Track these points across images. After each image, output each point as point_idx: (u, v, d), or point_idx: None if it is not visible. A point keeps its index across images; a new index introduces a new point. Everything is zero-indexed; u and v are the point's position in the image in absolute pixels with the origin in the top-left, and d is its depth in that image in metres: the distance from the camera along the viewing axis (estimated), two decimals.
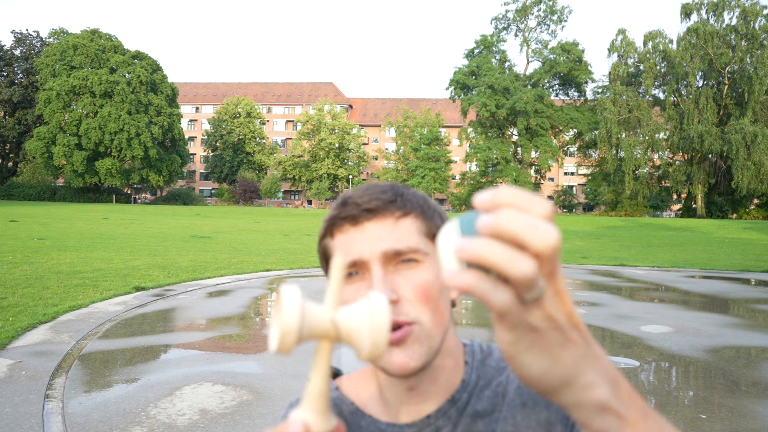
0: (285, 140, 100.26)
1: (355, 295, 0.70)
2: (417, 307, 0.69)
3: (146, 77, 67.93)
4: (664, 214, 67.38)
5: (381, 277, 0.68)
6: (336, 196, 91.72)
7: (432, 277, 0.70)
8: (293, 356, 5.57)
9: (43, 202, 65.56)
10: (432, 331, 0.70)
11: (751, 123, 50.79)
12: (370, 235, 0.71)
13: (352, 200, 0.72)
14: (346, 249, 0.71)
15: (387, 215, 0.72)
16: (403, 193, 0.74)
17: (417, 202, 0.74)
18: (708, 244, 24.02)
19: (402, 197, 0.73)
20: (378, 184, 0.75)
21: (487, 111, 58.97)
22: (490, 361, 0.80)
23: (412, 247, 0.70)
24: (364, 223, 0.71)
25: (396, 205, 0.72)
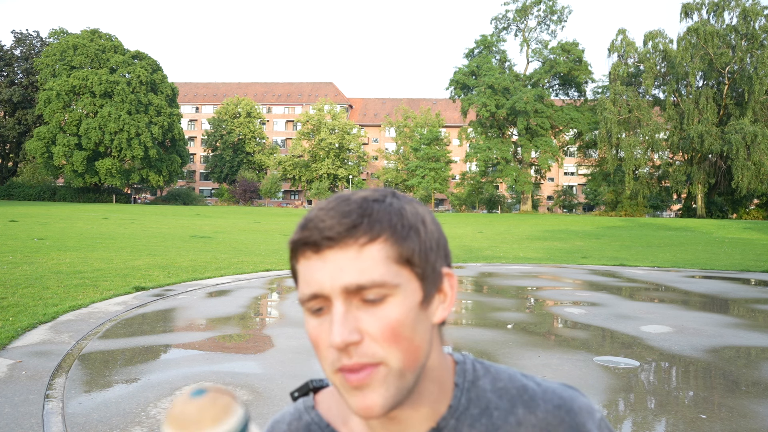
0: (285, 140, 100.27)
1: (319, 330, 0.64)
2: (384, 346, 0.62)
3: (146, 77, 67.94)
4: (664, 214, 67.37)
5: (342, 316, 0.61)
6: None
7: (402, 313, 0.63)
8: (293, 356, 5.57)
9: (43, 202, 65.56)
10: (403, 370, 0.63)
11: (751, 123, 50.77)
12: (331, 266, 0.62)
13: (313, 223, 0.64)
14: (308, 278, 0.64)
15: (350, 242, 0.62)
16: (371, 213, 0.64)
17: (388, 221, 0.64)
18: (708, 244, 24.02)
19: (369, 218, 0.63)
20: (346, 199, 0.66)
21: (487, 111, 58.95)
22: (483, 383, 0.73)
23: (376, 281, 0.62)
24: (325, 251, 0.63)
25: (361, 230, 0.62)
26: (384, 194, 0.67)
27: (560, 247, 21.15)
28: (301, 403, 0.80)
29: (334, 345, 0.61)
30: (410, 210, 0.67)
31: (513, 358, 5.65)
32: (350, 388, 0.63)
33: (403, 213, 0.66)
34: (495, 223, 41.73)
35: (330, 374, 0.64)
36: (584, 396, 0.74)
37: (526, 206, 65.12)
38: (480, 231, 31.17)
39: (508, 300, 9.24)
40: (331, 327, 0.62)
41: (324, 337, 0.64)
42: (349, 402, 0.63)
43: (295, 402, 0.82)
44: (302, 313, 0.69)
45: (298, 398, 0.81)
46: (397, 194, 0.69)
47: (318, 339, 0.64)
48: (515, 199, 77.02)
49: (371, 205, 0.65)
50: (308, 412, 0.79)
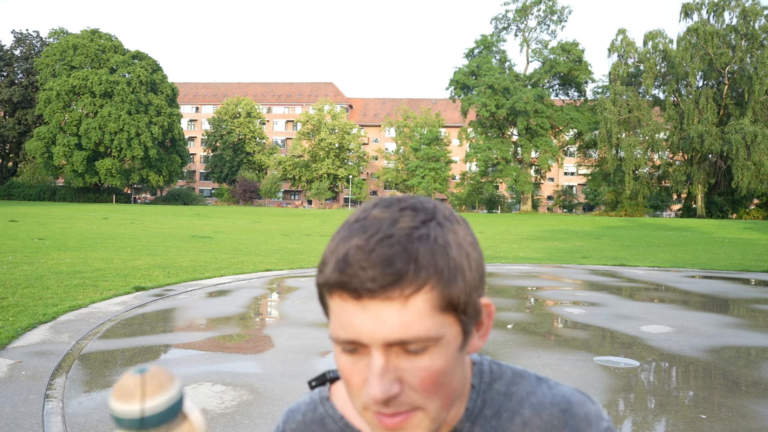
0: (285, 140, 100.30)
1: (352, 368, 0.61)
2: (423, 396, 0.60)
3: (146, 77, 67.96)
4: (664, 214, 67.38)
5: (381, 369, 0.58)
6: (336, 196, 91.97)
7: (443, 363, 0.60)
8: (294, 356, 5.58)
9: (43, 202, 65.58)
10: (438, 415, 0.62)
11: (751, 123, 50.78)
12: (371, 316, 0.58)
13: (353, 270, 0.58)
14: (344, 321, 0.60)
15: (394, 294, 0.58)
16: (417, 257, 0.58)
17: (434, 267, 0.58)
18: (708, 244, 24.02)
19: (416, 264, 0.57)
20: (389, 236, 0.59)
21: (487, 111, 58.96)
22: (498, 386, 0.72)
23: (421, 336, 0.58)
24: (365, 300, 0.58)
25: (407, 281, 0.57)
26: (426, 219, 0.61)
27: (560, 247, 21.15)
28: (317, 393, 0.80)
29: (375, 400, 0.58)
30: (455, 243, 0.61)
31: (513, 358, 5.65)
32: (383, 428, 0.61)
33: (449, 251, 0.60)
34: (495, 223, 41.73)
35: (360, 409, 0.63)
36: (595, 403, 0.72)
37: (526, 206, 65.12)
38: (480, 231, 31.18)
39: (508, 300, 9.23)
40: (370, 379, 0.59)
41: (358, 376, 0.61)
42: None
43: (311, 391, 0.82)
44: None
45: (315, 387, 0.81)
46: (439, 217, 0.62)
47: (351, 377, 0.62)
48: (515, 199, 77.03)
49: (416, 246, 0.58)
50: (323, 403, 0.78)
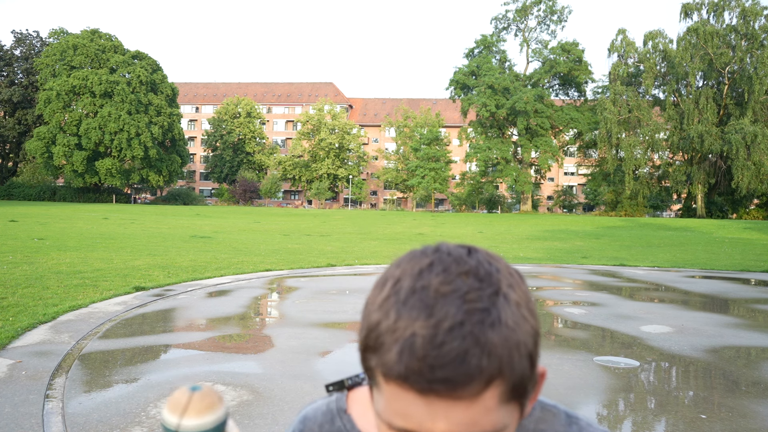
0: (285, 140, 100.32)
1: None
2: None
3: (146, 77, 67.98)
4: (664, 214, 67.39)
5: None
6: (336, 196, 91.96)
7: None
8: (293, 356, 5.58)
9: (43, 202, 65.59)
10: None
11: (751, 123, 50.80)
12: (436, 413, 0.53)
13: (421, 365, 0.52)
14: (403, 412, 0.55)
15: (464, 394, 0.53)
16: (490, 350, 0.52)
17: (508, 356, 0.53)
18: (708, 244, 24.03)
19: (489, 357, 0.52)
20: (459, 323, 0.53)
21: (487, 111, 58.98)
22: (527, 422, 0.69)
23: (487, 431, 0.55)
24: (431, 397, 0.53)
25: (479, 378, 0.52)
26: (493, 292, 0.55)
27: (560, 247, 21.15)
28: (335, 403, 0.77)
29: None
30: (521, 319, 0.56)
31: None
32: None
33: (519, 335, 0.55)
34: (495, 223, 41.73)
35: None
36: None
37: (526, 206, 65.12)
38: (480, 231, 31.17)
39: None
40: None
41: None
42: None
43: (328, 396, 0.79)
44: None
45: (333, 392, 0.78)
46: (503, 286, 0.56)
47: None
48: (515, 199, 77.04)
49: (489, 336, 0.53)
50: (341, 416, 0.76)
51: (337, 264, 13.52)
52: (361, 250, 17.93)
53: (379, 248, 18.71)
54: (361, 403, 0.75)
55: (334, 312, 7.75)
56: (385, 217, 49.66)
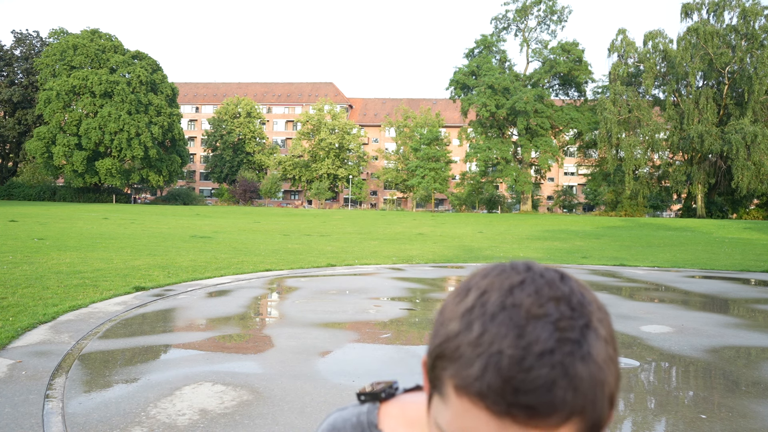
0: (285, 140, 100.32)
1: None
2: None
3: (146, 77, 67.97)
4: (664, 214, 67.39)
5: None
6: (336, 196, 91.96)
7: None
8: (293, 356, 5.58)
9: (43, 202, 65.58)
10: None
11: (751, 123, 50.78)
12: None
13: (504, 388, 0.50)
14: (471, 429, 0.52)
15: (543, 423, 0.50)
16: (577, 385, 0.50)
17: (593, 395, 0.51)
18: (708, 244, 24.03)
19: (575, 392, 0.50)
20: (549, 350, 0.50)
21: (487, 111, 58.97)
22: None
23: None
24: (507, 421, 0.50)
25: (560, 412, 0.50)
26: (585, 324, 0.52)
27: (560, 247, 21.15)
28: (365, 415, 0.74)
29: None
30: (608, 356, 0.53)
31: None
32: None
33: (605, 374, 0.52)
34: (495, 223, 41.72)
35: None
36: None
37: (526, 206, 65.12)
38: (480, 231, 31.17)
39: None
40: None
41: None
42: None
43: (360, 404, 0.76)
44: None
45: (364, 402, 0.76)
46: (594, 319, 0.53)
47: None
48: (515, 199, 77.03)
49: (578, 369, 0.50)
50: (371, 430, 0.73)
51: (337, 264, 13.52)
52: (361, 250, 17.93)
53: (379, 248, 18.71)
54: (393, 418, 0.72)
55: (334, 312, 7.75)
56: (385, 217, 49.66)
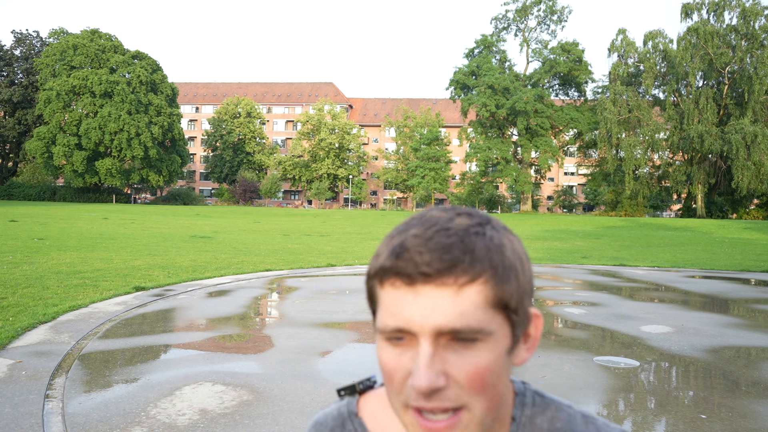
0: (285, 140, 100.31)
1: (396, 362, 0.60)
2: (469, 393, 0.59)
3: (146, 77, 67.96)
4: (664, 214, 67.39)
5: (429, 358, 0.57)
6: (336, 196, 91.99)
7: (492, 360, 0.59)
8: (293, 356, 5.58)
9: (43, 202, 65.58)
10: (483, 418, 0.60)
11: (751, 123, 50.77)
12: (424, 303, 0.58)
13: (409, 255, 0.59)
14: (394, 310, 0.59)
15: (449, 282, 0.58)
16: (474, 249, 0.59)
17: (489, 261, 0.59)
18: (708, 244, 24.03)
19: (472, 254, 0.58)
20: (445, 228, 0.60)
21: (487, 111, 58.96)
22: (541, 422, 0.69)
23: (473, 326, 0.58)
24: (419, 286, 0.58)
25: (462, 268, 0.58)
26: (482, 222, 0.62)
27: (560, 247, 21.15)
28: (345, 406, 0.77)
29: (420, 390, 0.57)
30: (510, 246, 0.62)
31: None
32: (424, 430, 0.59)
33: (504, 251, 0.61)
34: None
35: (399, 408, 0.61)
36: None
37: (526, 206, 65.12)
38: None
39: None
40: (416, 369, 0.58)
41: (401, 370, 0.60)
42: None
43: (339, 400, 0.79)
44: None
45: (344, 397, 0.79)
46: (493, 223, 0.63)
47: (394, 372, 0.61)
48: (515, 199, 77.04)
49: (473, 239, 0.60)
50: (351, 419, 0.76)
51: (337, 264, 13.52)
52: (361, 250, 17.93)
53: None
54: (372, 406, 0.75)
55: (334, 312, 7.75)
56: (385, 217, 49.65)
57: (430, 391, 0.57)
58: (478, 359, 0.59)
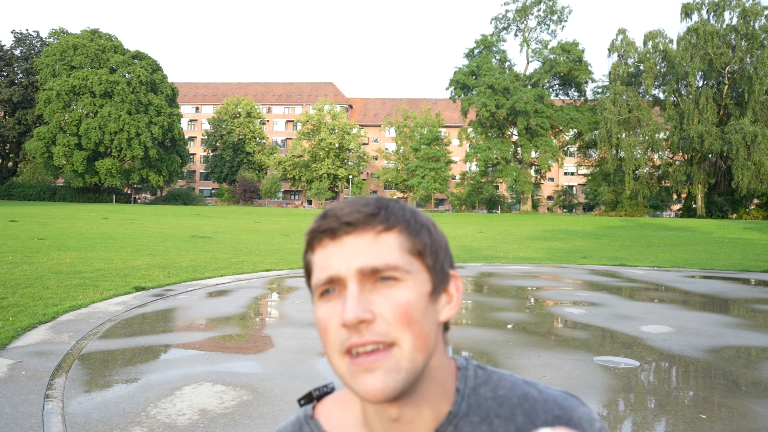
0: (285, 140, 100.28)
1: (330, 314, 0.66)
2: (395, 327, 0.64)
3: (146, 77, 67.94)
4: (664, 214, 67.37)
5: (356, 294, 0.64)
6: (336, 196, 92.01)
7: (414, 297, 0.66)
8: (293, 356, 5.58)
9: (43, 202, 65.57)
10: (413, 354, 0.64)
11: (751, 123, 50.75)
12: (347, 250, 0.66)
13: (333, 213, 0.68)
14: (324, 263, 0.67)
15: (367, 229, 0.67)
16: (387, 206, 0.69)
17: (402, 216, 0.69)
18: (708, 244, 24.03)
19: (386, 210, 0.68)
20: (363, 197, 0.71)
21: (487, 111, 58.94)
22: (485, 391, 0.73)
23: (390, 264, 0.65)
24: (342, 237, 0.67)
25: (378, 219, 0.67)
26: (397, 199, 0.72)
27: (560, 247, 21.15)
28: (302, 412, 0.81)
29: (347, 321, 0.63)
30: (420, 214, 0.72)
31: (513, 358, 5.64)
32: (359, 371, 0.64)
33: (416, 212, 0.71)
34: (495, 223, 41.72)
35: (336, 359, 0.66)
36: (585, 405, 0.73)
37: (526, 206, 65.11)
38: (480, 231, 31.17)
39: (508, 300, 9.24)
40: (344, 306, 0.64)
41: (334, 320, 0.65)
42: (357, 386, 0.64)
43: (301, 408, 0.83)
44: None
45: (304, 405, 0.82)
46: (405, 203, 0.73)
47: (328, 323, 0.66)
48: (515, 199, 77.00)
49: (388, 202, 0.70)
50: (308, 422, 0.79)
51: None
52: None
53: None
54: (327, 408, 0.79)
55: None
56: None
57: (358, 322, 0.63)
58: (401, 295, 0.65)
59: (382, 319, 0.64)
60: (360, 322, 0.63)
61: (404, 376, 0.64)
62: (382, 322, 0.64)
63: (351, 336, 0.64)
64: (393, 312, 0.64)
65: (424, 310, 0.67)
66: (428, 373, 0.69)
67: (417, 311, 0.66)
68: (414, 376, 0.65)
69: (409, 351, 0.64)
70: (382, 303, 0.65)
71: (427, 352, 0.66)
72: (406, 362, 0.64)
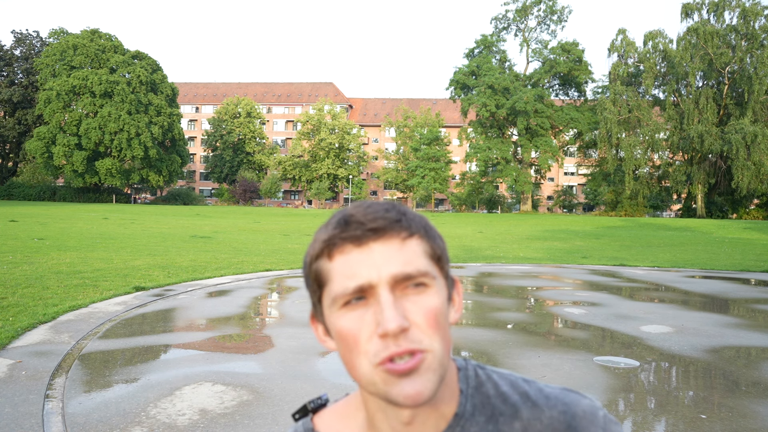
0: (285, 140, 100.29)
1: (359, 324, 0.65)
2: (428, 333, 0.65)
3: (146, 77, 67.94)
4: (664, 214, 67.36)
5: (392, 302, 0.64)
6: (336, 197, 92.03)
7: (440, 302, 0.67)
8: (293, 356, 5.57)
9: (43, 202, 65.57)
10: (443, 358, 0.66)
11: (751, 123, 50.75)
12: (376, 257, 0.65)
13: (355, 218, 0.67)
14: (349, 272, 0.65)
15: (393, 236, 0.66)
16: (406, 212, 0.69)
17: (420, 223, 0.69)
18: (708, 244, 24.03)
19: (406, 216, 0.68)
20: (378, 202, 0.70)
21: (487, 111, 58.94)
22: (487, 389, 0.74)
23: (421, 270, 0.66)
24: (369, 243, 0.66)
25: (401, 225, 0.67)
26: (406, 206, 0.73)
27: (560, 247, 21.15)
28: (302, 426, 0.81)
29: (389, 331, 0.62)
30: (429, 222, 0.73)
31: (513, 358, 5.64)
32: (396, 377, 0.63)
33: (428, 220, 0.72)
34: (495, 223, 41.72)
35: (367, 369, 0.65)
36: (585, 397, 0.74)
37: (526, 206, 65.11)
38: (480, 231, 31.17)
39: (508, 300, 9.24)
40: (381, 315, 0.63)
41: (366, 330, 0.65)
42: (393, 392, 0.64)
43: (295, 423, 0.82)
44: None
45: (299, 420, 0.82)
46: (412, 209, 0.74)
47: (358, 333, 0.65)
48: (515, 199, 76.99)
49: (403, 208, 0.70)
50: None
51: None
52: None
53: None
54: (326, 420, 0.79)
55: None
56: None
57: (400, 330, 0.63)
58: (430, 301, 0.66)
59: (415, 326, 0.65)
60: (402, 330, 0.63)
61: (438, 379, 0.65)
62: (415, 329, 0.65)
63: (389, 345, 0.63)
64: (425, 318, 0.65)
65: (446, 314, 0.68)
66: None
67: (443, 316, 0.67)
68: (443, 379, 0.66)
69: (439, 355, 0.65)
70: (414, 310, 0.65)
71: (449, 357, 0.68)
72: (439, 366, 0.65)
